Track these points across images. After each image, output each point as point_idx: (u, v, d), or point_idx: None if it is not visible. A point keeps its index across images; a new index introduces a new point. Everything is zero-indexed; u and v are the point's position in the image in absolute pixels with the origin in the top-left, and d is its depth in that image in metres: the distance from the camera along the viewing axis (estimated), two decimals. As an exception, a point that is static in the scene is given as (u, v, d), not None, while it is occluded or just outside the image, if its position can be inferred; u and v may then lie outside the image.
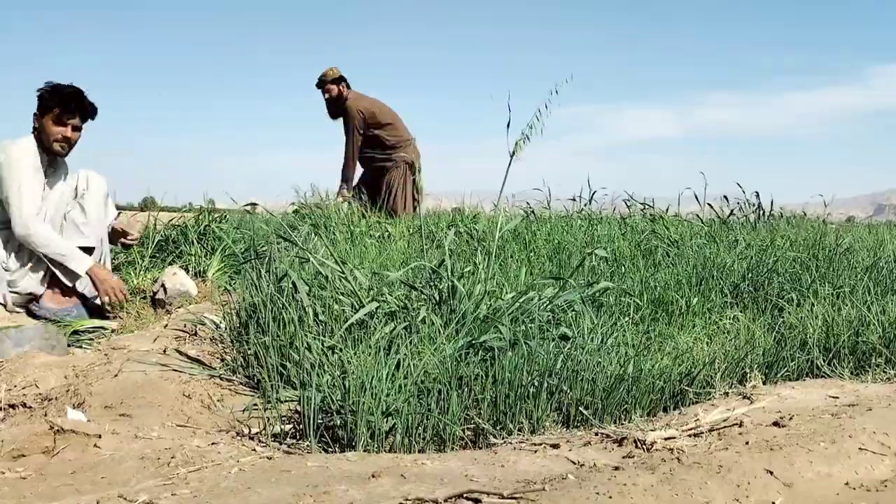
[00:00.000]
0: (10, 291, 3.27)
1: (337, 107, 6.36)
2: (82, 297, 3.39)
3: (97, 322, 3.18)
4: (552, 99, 2.70)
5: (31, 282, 3.28)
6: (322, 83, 6.39)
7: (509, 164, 2.79)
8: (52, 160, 3.37)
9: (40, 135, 3.32)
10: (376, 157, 6.37)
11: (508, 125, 2.73)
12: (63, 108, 3.30)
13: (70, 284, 3.33)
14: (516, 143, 2.76)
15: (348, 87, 6.40)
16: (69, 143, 3.35)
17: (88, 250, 3.37)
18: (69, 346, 2.88)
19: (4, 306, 3.21)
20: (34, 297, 3.30)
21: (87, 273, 3.30)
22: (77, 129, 3.35)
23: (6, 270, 3.25)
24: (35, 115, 3.32)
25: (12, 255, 3.27)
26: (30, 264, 3.28)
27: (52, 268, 3.29)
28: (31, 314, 3.27)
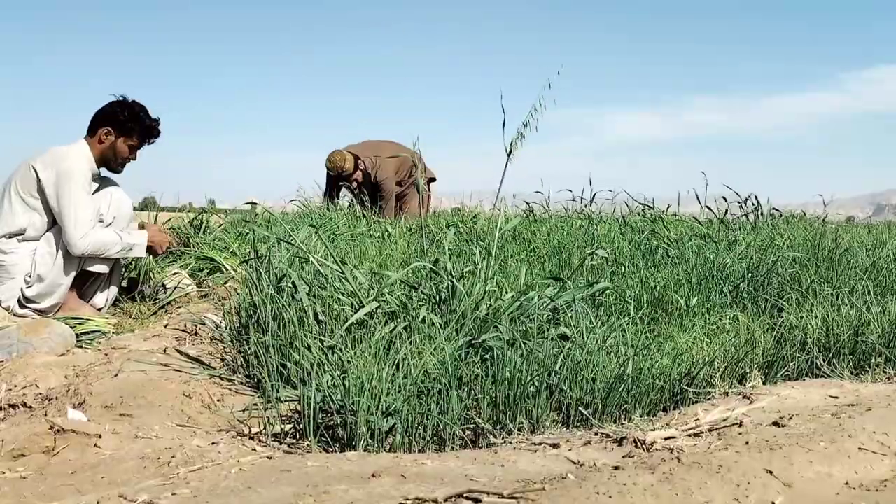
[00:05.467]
0: (28, 304, 3.19)
1: (369, 183, 6.08)
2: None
3: (96, 323, 3.17)
4: (546, 94, 2.70)
5: (54, 298, 3.22)
6: (346, 177, 6.01)
7: (506, 163, 2.79)
8: (98, 174, 3.36)
9: (105, 148, 3.30)
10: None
11: (504, 125, 2.74)
12: (143, 138, 3.35)
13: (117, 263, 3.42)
14: (512, 142, 2.77)
15: (357, 156, 6.07)
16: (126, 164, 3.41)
17: (97, 275, 3.38)
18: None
19: (7, 310, 3.19)
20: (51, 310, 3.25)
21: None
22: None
23: (28, 285, 3.18)
24: (107, 128, 3.28)
25: (37, 269, 3.18)
26: (55, 280, 3.20)
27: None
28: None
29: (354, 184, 6.09)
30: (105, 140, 3.29)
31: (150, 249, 3.42)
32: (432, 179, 6.55)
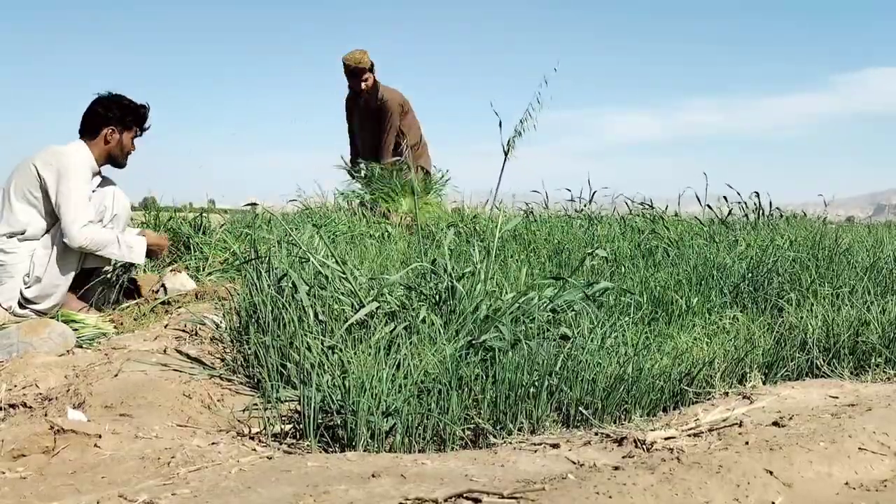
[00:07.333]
0: (27, 305, 3.20)
1: (370, 97, 5.97)
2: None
3: (96, 324, 3.17)
4: (542, 92, 2.72)
5: (53, 298, 3.23)
6: (359, 71, 5.91)
7: (504, 161, 2.80)
8: (98, 172, 3.40)
9: (112, 147, 3.37)
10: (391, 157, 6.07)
11: (500, 125, 2.75)
12: (142, 127, 3.47)
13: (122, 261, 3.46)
14: (509, 141, 2.78)
15: (374, 65, 5.98)
16: None
17: (96, 272, 3.40)
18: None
19: (8, 310, 3.19)
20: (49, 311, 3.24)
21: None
22: None
23: (27, 286, 3.19)
24: (111, 128, 3.35)
25: (36, 269, 3.19)
26: (54, 280, 3.22)
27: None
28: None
29: (362, 85, 5.92)
30: (111, 139, 3.37)
31: (151, 253, 3.48)
32: (426, 173, 6.24)
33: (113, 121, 3.36)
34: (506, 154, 2.79)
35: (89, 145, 3.35)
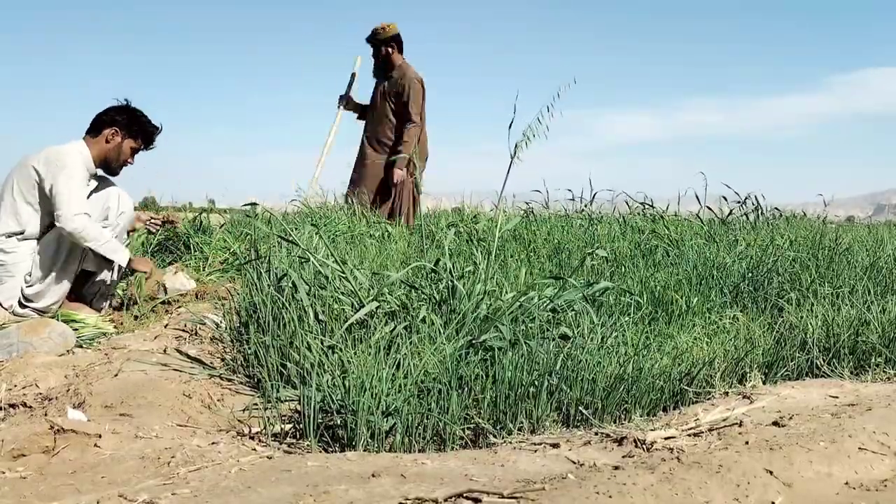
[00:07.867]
0: (27, 304, 3.20)
1: (383, 70, 5.70)
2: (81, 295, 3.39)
3: (96, 323, 3.17)
4: (555, 102, 2.71)
5: (53, 296, 3.23)
6: (375, 41, 5.66)
7: (510, 164, 2.80)
8: (95, 173, 3.39)
9: (110, 148, 3.35)
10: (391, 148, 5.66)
11: (511, 126, 2.74)
12: (146, 143, 3.44)
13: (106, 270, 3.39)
14: (517, 145, 2.77)
15: (401, 50, 5.73)
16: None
17: (97, 276, 3.39)
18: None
19: (9, 310, 3.19)
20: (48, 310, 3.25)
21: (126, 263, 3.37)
22: None
23: (28, 284, 3.19)
24: (114, 129, 3.33)
25: (37, 268, 3.20)
26: (55, 278, 3.22)
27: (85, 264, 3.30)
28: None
29: (382, 51, 5.66)
30: (111, 140, 3.34)
31: (133, 268, 3.40)
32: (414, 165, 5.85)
33: (118, 124, 3.34)
34: (513, 158, 2.78)
35: (89, 144, 3.34)
